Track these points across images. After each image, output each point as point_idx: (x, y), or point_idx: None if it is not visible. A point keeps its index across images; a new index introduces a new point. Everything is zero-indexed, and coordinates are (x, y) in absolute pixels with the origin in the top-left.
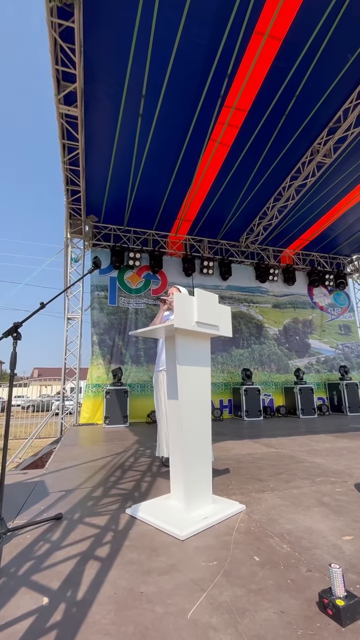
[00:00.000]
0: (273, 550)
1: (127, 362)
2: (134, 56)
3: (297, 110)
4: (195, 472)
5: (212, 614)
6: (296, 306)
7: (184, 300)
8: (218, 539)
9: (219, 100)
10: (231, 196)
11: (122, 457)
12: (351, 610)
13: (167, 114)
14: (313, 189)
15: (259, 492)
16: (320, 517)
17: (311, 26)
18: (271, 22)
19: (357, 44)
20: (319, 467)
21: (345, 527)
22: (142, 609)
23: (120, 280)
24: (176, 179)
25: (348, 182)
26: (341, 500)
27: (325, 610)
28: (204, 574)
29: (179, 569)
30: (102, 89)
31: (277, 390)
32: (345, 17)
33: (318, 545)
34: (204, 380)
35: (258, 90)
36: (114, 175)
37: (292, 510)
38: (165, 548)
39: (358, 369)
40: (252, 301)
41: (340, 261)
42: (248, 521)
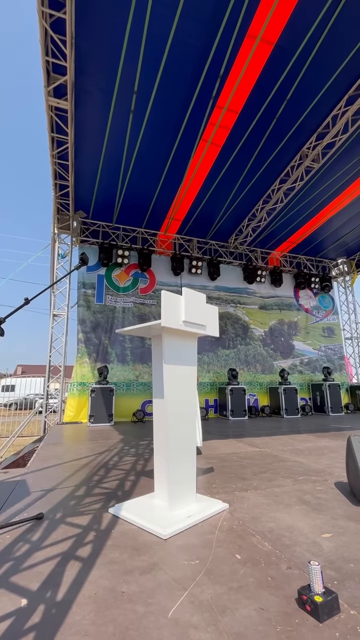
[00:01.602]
0: (254, 549)
1: (113, 360)
2: (126, 52)
3: (287, 115)
4: (179, 471)
5: (193, 613)
6: (282, 308)
7: (172, 299)
8: (201, 537)
9: (210, 100)
10: (221, 197)
11: (106, 456)
12: (329, 606)
13: (159, 112)
14: (301, 193)
15: (242, 490)
16: (301, 515)
17: (303, 32)
18: (264, 25)
19: (347, 51)
20: (301, 466)
21: (325, 525)
22: (123, 609)
23: (108, 278)
24: (167, 177)
25: (335, 187)
26: (321, 498)
27: (304, 606)
28: (185, 572)
29: (161, 568)
30: (94, 83)
31: (262, 390)
32: (335, 25)
33: (298, 543)
34: (190, 379)
35: (250, 92)
36: (104, 171)
37: (274, 508)
38: (148, 547)
39: (340, 370)
40: (239, 302)
41: (326, 264)
42: (231, 520)
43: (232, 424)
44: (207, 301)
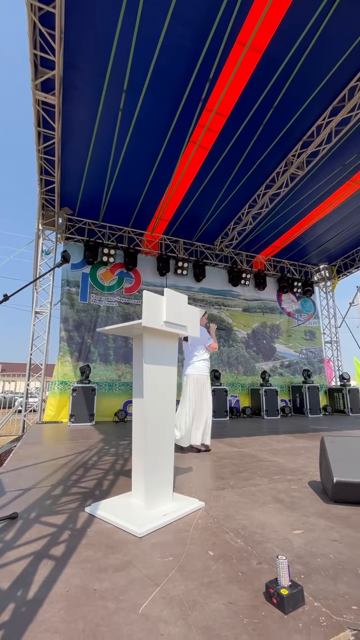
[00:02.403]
0: (227, 545)
1: (96, 360)
2: (116, 50)
3: (274, 122)
4: (157, 471)
5: (164, 608)
6: (265, 311)
7: (153, 299)
8: (175, 535)
9: (200, 103)
10: (208, 199)
11: (86, 456)
12: (294, 599)
13: (148, 111)
14: (286, 199)
15: (219, 489)
16: (274, 513)
17: (290, 43)
18: (253, 33)
19: (332, 64)
20: (277, 465)
21: (296, 522)
22: (94, 606)
23: (93, 277)
24: (154, 177)
25: (318, 194)
26: (295, 496)
27: (271, 599)
28: (159, 569)
29: (135, 565)
30: (83, 79)
31: (244, 392)
32: (321, 38)
33: (270, 539)
34: (170, 379)
35: (238, 97)
36: (91, 168)
37: (249, 506)
38: (123, 545)
39: (319, 373)
40: (223, 304)
41: (309, 269)
42: (206, 518)
43: (213, 424)
44: (192, 303)
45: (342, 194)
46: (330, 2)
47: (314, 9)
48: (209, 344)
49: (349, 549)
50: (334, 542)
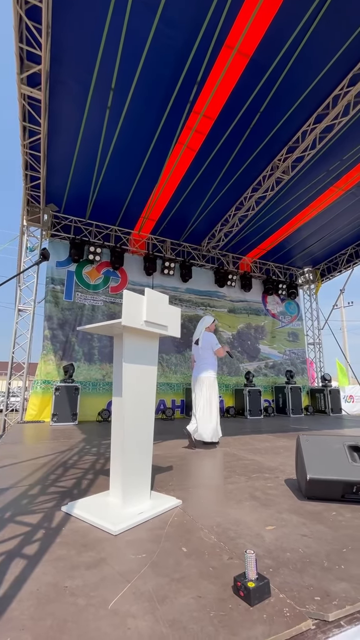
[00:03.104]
0: (201, 542)
1: (80, 359)
2: (104, 48)
3: (261, 126)
4: (135, 470)
5: (134, 603)
6: (250, 312)
7: (134, 298)
8: (150, 532)
9: (187, 105)
10: (195, 200)
11: (66, 455)
12: (260, 591)
13: (136, 111)
14: (272, 202)
15: (197, 487)
16: (249, 510)
17: (277, 49)
18: (240, 38)
19: (317, 72)
20: (256, 464)
21: (270, 518)
22: (64, 603)
23: (78, 275)
24: (142, 176)
25: (303, 199)
26: (270, 494)
27: (238, 592)
28: (131, 566)
29: (108, 563)
30: (70, 75)
31: (228, 392)
32: (306, 46)
33: (243, 535)
34: (150, 379)
35: (226, 101)
36: (78, 165)
37: (225, 504)
38: (97, 543)
39: (302, 374)
40: (209, 305)
41: (293, 272)
42: (182, 515)
43: None
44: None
45: (325, 199)
46: (315, 12)
47: (299, 17)
48: (216, 349)
49: (317, 544)
50: (304, 537)
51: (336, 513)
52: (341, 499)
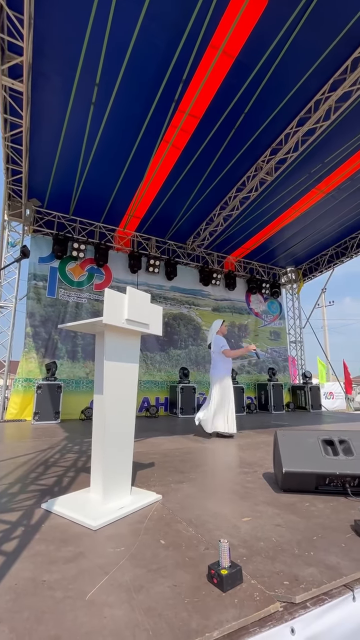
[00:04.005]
0: (179, 534)
1: (63, 357)
2: (88, 42)
3: (245, 127)
4: (115, 466)
5: (110, 594)
6: (234, 311)
7: (115, 297)
8: (130, 527)
9: (173, 103)
10: (180, 199)
11: (48, 454)
12: (232, 578)
13: (121, 107)
14: (256, 203)
15: (178, 483)
16: (228, 503)
17: (261, 51)
18: (226, 38)
19: (300, 76)
20: (236, 459)
21: (247, 510)
22: (42, 596)
23: (62, 271)
24: (127, 173)
25: (286, 200)
26: (249, 487)
27: (212, 580)
28: (110, 559)
29: (86, 557)
30: (53, 68)
31: None
32: (290, 50)
33: (220, 527)
34: (131, 376)
35: (211, 100)
36: (61, 160)
37: (204, 497)
38: (76, 538)
39: (284, 371)
40: (193, 303)
41: (276, 272)
42: (162, 509)
43: (181, 421)
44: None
45: (307, 200)
46: (298, 18)
47: (283, 21)
48: (221, 350)
49: (290, 533)
50: (278, 526)
51: (309, 504)
52: (315, 490)
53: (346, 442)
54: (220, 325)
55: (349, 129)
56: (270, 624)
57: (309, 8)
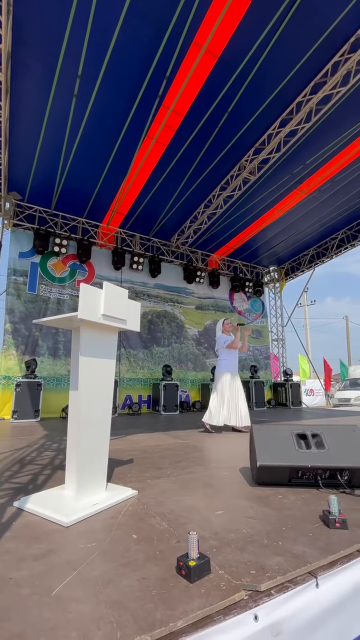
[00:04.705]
0: (152, 528)
1: (44, 354)
2: (70, 33)
3: (229, 126)
4: (90, 462)
5: (78, 589)
6: (217, 309)
7: (91, 292)
8: (103, 522)
9: (157, 99)
10: (165, 196)
11: (24, 452)
12: (200, 569)
13: (104, 101)
14: (239, 202)
15: (155, 478)
16: (202, 497)
17: (244, 51)
18: (209, 36)
19: (282, 78)
20: (215, 454)
21: (221, 504)
22: (8, 593)
23: (43, 267)
24: (111, 168)
25: (268, 200)
26: (225, 482)
27: (180, 571)
28: (80, 555)
29: (56, 553)
30: (34, 57)
31: (194, 387)
32: (272, 51)
33: (193, 520)
34: (107, 373)
35: (195, 98)
36: (43, 153)
37: (180, 492)
38: (48, 535)
39: (265, 369)
40: (177, 301)
41: (260, 271)
42: (136, 505)
43: (163, 418)
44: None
45: (289, 201)
46: (281, 18)
47: (266, 23)
48: (224, 345)
49: (261, 524)
50: (249, 518)
51: (282, 496)
52: (288, 483)
53: (318, 435)
54: (222, 323)
55: (329, 132)
56: (235, 612)
57: (290, 11)
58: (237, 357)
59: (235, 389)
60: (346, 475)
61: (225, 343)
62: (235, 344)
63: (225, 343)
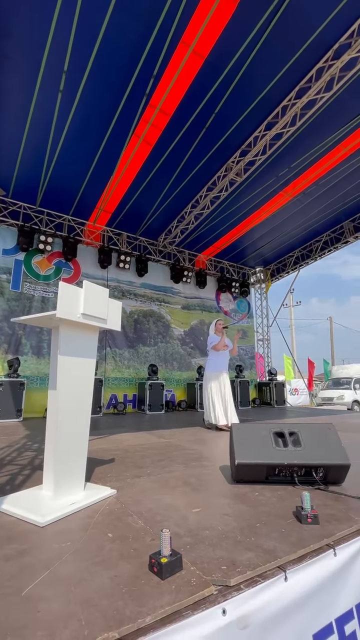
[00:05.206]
0: (128, 527)
1: (27, 353)
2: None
3: (215, 127)
4: (68, 462)
5: (48, 588)
6: (204, 309)
7: (70, 290)
8: (79, 522)
9: (144, 98)
10: (152, 195)
11: (4, 452)
12: (171, 565)
13: (90, 98)
14: (226, 203)
15: (135, 477)
16: (181, 495)
17: (231, 54)
18: (196, 37)
19: (268, 81)
20: (197, 453)
21: (198, 502)
22: None
23: (27, 264)
24: (97, 166)
25: (255, 202)
26: (204, 480)
27: (152, 568)
28: (53, 554)
29: (29, 553)
30: (18, 51)
31: (179, 386)
32: (258, 55)
33: (169, 518)
34: (87, 372)
35: (182, 98)
36: (27, 148)
37: (159, 491)
38: (22, 536)
39: (250, 368)
40: (163, 301)
41: (246, 271)
42: (114, 504)
43: (148, 417)
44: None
45: (275, 203)
46: (266, 24)
47: (251, 27)
48: (209, 347)
49: (236, 521)
50: (225, 516)
51: (258, 494)
52: (266, 480)
53: (295, 434)
54: (214, 325)
55: (314, 136)
56: (204, 607)
57: (276, 16)
58: (225, 357)
59: (222, 389)
60: (321, 472)
61: (210, 344)
62: (219, 346)
63: (211, 344)
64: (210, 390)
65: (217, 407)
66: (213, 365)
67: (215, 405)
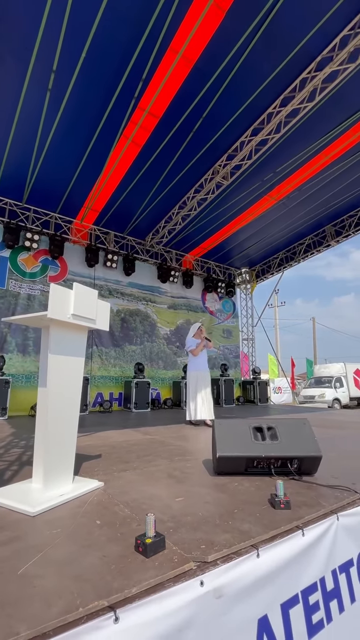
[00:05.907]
0: (115, 515)
1: (12, 350)
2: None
3: (203, 131)
4: (58, 456)
5: (42, 568)
6: (190, 309)
7: (60, 292)
8: (69, 511)
9: (133, 100)
10: (140, 195)
11: None
12: (156, 545)
13: (79, 97)
14: (213, 204)
15: (121, 471)
16: (165, 487)
17: (219, 60)
18: (185, 43)
19: (254, 88)
20: (181, 449)
21: (181, 492)
22: None
23: (13, 262)
24: (85, 165)
25: (241, 204)
26: (187, 473)
27: (138, 549)
28: (45, 540)
29: (22, 539)
30: (6, 48)
31: (165, 385)
32: (245, 62)
33: (154, 507)
34: (76, 370)
35: (170, 101)
36: (15, 145)
37: (144, 483)
38: (14, 524)
39: (235, 367)
40: (150, 300)
41: (232, 272)
42: (102, 495)
43: (134, 415)
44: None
45: (261, 206)
46: (253, 34)
47: (239, 35)
48: (187, 348)
49: (216, 508)
50: (206, 503)
51: (238, 484)
52: (245, 472)
53: (273, 428)
54: (196, 329)
55: (297, 143)
56: (183, 579)
57: (263, 26)
58: (204, 356)
59: (202, 386)
60: (296, 463)
61: (189, 347)
62: (195, 353)
63: (189, 348)
64: (190, 388)
65: (195, 403)
66: (193, 365)
67: (195, 401)
